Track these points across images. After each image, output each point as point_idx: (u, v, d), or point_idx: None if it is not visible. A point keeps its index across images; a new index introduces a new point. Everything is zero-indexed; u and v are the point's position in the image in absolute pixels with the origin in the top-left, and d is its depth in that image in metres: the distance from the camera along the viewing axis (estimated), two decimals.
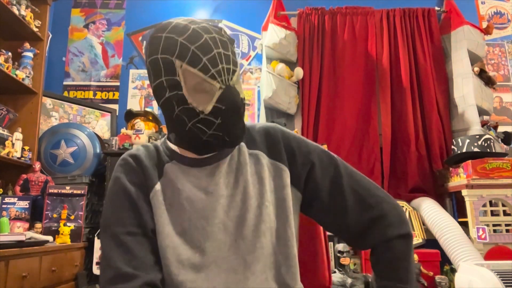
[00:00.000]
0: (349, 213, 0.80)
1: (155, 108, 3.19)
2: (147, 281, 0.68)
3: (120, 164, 0.80)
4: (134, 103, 3.19)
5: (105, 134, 3.01)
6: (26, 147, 2.35)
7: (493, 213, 2.43)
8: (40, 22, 2.57)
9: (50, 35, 3.12)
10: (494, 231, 2.37)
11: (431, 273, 2.35)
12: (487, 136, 2.56)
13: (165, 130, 2.73)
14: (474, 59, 2.99)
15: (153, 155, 0.81)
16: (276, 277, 0.74)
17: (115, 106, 3.18)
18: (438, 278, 2.34)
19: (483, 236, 2.27)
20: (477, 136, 2.55)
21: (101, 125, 3.05)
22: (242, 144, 0.82)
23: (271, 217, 0.76)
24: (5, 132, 2.25)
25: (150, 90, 3.21)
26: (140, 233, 0.73)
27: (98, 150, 2.65)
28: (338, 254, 2.38)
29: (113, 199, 0.77)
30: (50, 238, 1.98)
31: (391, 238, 0.79)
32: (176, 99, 0.71)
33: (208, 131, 0.71)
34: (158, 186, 0.77)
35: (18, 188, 2.24)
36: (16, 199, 2.13)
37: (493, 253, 2.25)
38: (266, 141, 0.83)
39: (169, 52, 0.69)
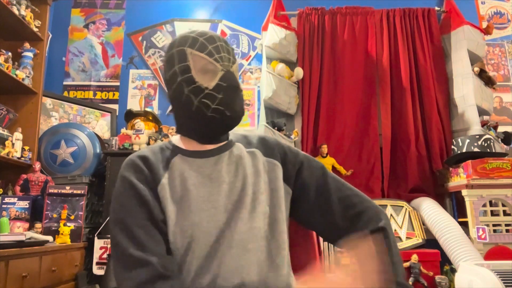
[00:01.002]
0: (334, 209, 0.89)
1: (155, 108, 3.19)
2: (161, 265, 0.74)
3: (127, 164, 0.86)
4: (134, 103, 3.20)
5: (105, 134, 3.01)
6: (26, 147, 2.35)
7: (493, 213, 2.43)
8: (40, 22, 2.57)
9: (50, 35, 3.12)
10: (494, 231, 2.38)
11: (431, 273, 2.35)
12: (487, 136, 2.56)
13: (165, 130, 2.74)
14: (474, 59, 2.99)
15: (158, 153, 0.89)
16: (268, 258, 0.81)
17: (115, 106, 3.18)
18: (438, 278, 2.34)
19: (483, 236, 2.27)
20: (477, 136, 2.55)
21: (101, 125, 3.05)
22: (240, 144, 0.93)
23: (264, 204, 0.85)
24: (5, 132, 2.25)
25: (150, 90, 3.23)
26: (149, 225, 0.79)
27: (98, 150, 2.65)
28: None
29: (121, 196, 0.82)
30: (50, 238, 1.98)
31: (371, 232, 0.85)
32: (186, 81, 0.84)
33: (211, 105, 0.82)
34: (164, 180, 0.84)
35: (18, 188, 2.24)
36: (16, 199, 2.13)
37: (493, 253, 2.25)
38: (261, 144, 0.95)
39: (182, 44, 0.86)
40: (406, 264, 2.33)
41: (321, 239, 1.07)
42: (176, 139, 0.94)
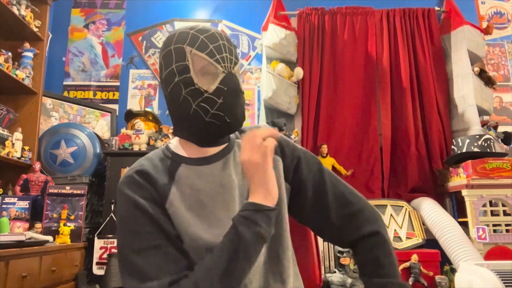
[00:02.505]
0: (330, 206, 0.87)
1: (155, 108, 3.19)
2: (171, 280, 0.70)
3: (126, 182, 0.79)
4: (134, 103, 3.20)
5: (105, 134, 3.01)
6: (26, 147, 2.35)
7: (493, 213, 2.43)
8: (40, 22, 2.57)
9: (50, 35, 3.12)
10: (494, 231, 2.38)
11: (431, 273, 2.35)
12: (487, 136, 2.56)
13: (165, 130, 2.73)
14: (474, 59, 2.99)
15: (158, 165, 0.82)
16: (270, 260, 0.82)
17: (115, 106, 3.18)
18: (438, 278, 2.34)
19: (483, 236, 2.27)
20: (477, 136, 2.55)
21: (101, 125, 3.05)
22: (240, 142, 0.89)
23: None
24: (5, 132, 2.25)
25: (150, 90, 3.23)
26: (164, 244, 0.74)
27: (98, 150, 2.65)
28: (338, 254, 2.38)
29: (127, 219, 0.76)
30: (50, 238, 1.98)
31: (368, 235, 0.85)
32: (184, 82, 0.79)
33: (211, 110, 0.77)
34: (172, 195, 0.79)
35: (18, 188, 2.24)
36: (16, 199, 2.13)
37: (493, 253, 2.25)
38: None
39: (181, 41, 0.80)
40: (406, 264, 2.33)
41: (319, 239, 1.06)
42: (175, 145, 0.88)
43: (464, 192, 2.40)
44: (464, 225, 2.39)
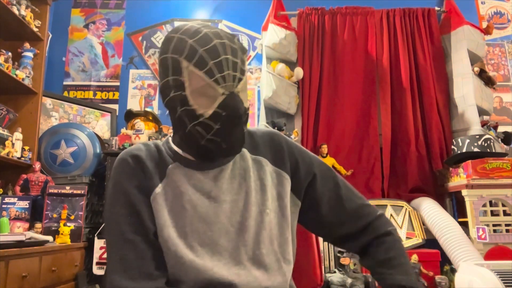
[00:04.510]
0: (347, 221, 0.86)
1: (155, 108, 3.19)
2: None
3: (120, 164, 0.77)
4: (134, 103, 3.19)
5: (105, 134, 3.01)
6: (26, 147, 2.35)
7: (493, 213, 2.43)
8: (40, 22, 2.57)
9: (50, 35, 3.12)
10: (494, 231, 2.38)
11: (431, 273, 2.35)
12: (487, 136, 2.56)
13: (165, 130, 2.74)
14: (474, 59, 2.99)
15: (155, 155, 0.80)
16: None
17: (115, 106, 3.18)
18: (438, 278, 2.34)
19: (483, 236, 2.27)
20: (477, 136, 2.55)
21: (101, 125, 3.05)
22: (246, 151, 0.83)
23: (272, 224, 0.78)
24: (5, 132, 2.25)
25: (150, 90, 3.23)
26: (140, 240, 0.72)
27: (98, 150, 2.65)
28: (338, 254, 2.38)
29: (113, 203, 0.75)
30: (50, 238, 1.98)
31: (383, 234, 0.85)
32: (179, 99, 0.71)
33: (206, 135, 0.71)
34: (159, 189, 0.76)
35: (18, 188, 2.24)
36: (16, 199, 2.13)
37: (493, 253, 2.25)
38: (270, 148, 0.85)
39: (178, 52, 0.70)
40: None
41: (320, 239, 1.07)
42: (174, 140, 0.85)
43: (464, 192, 2.40)
44: (464, 225, 2.39)
